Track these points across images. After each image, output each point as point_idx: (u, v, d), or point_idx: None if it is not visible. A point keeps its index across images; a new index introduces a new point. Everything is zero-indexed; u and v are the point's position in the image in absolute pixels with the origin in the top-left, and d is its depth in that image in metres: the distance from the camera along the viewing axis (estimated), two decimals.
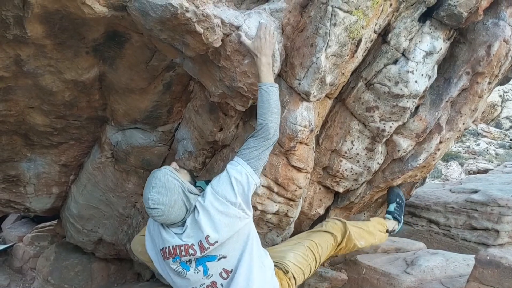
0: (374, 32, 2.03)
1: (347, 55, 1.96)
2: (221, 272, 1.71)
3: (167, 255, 1.73)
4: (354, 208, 2.81)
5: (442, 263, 2.80)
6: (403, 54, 2.12)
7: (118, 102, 2.53)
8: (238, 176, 1.72)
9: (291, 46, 2.01)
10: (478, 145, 12.73)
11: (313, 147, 2.32)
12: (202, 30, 1.73)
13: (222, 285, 1.72)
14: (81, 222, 3.33)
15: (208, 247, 1.66)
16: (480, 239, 3.88)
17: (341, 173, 2.45)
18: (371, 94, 2.20)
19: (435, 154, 2.48)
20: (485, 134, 14.10)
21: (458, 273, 2.73)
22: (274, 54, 1.91)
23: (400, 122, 2.28)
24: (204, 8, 1.70)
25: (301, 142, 2.11)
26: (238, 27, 1.85)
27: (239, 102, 2.10)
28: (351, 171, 2.45)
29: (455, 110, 2.42)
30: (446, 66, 2.34)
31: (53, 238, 4.60)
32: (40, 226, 5.03)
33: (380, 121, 2.25)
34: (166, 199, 1.66)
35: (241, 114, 2.32)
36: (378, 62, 2.14)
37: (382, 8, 1.94)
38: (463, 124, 2.46)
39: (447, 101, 2.33)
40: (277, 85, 1.87)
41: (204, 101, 2.44)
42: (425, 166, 2.55)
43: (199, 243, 1.67)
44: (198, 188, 1.85)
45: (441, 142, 2.46)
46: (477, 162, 10.20)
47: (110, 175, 3.03)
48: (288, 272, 1.98)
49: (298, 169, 2.19)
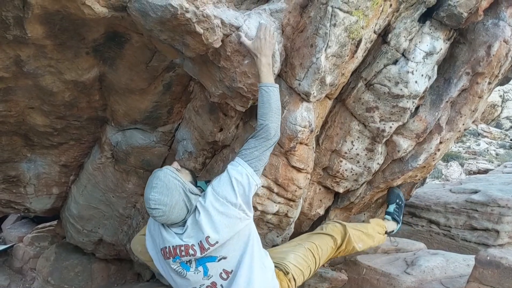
0: (374, 32, 2.03)
1: (347, 56, 1.96)
2: (221, 273, 1.71)
3: (167, 255, 1.73)
4: (354, 208, 2.81)
5: (442, 264, 2.80)
6: (403, 55, 2.12)
7: (118, 103, 2.53)
8: (239, 176, 1.72)
9: (291, 46, 2.01)
10: (479, 145, 12.72)
11: (313, 148, 2.32)
12: (202, 31, 1.73)
13: (222, 285, 1.72)
14: (81, 222, 3.33)
15: (208, 248, 1.66)
16: (480, 240, 3.88)
17: (341, 173, 2.45)
18: (371, 95, 2.20)
19: (435, 154, 2.48)
20: (485, 134, 14.10)
21: (458, 273, 2.73)
22: (274, 55, 1.91)
23: (400, 123, 2.28)
24: (204, 8, 1.70)
25: (301, 143, 2.11)
26: (238, 28, 1.85)
27: (239, 102, 2.10)
28: (351, 172, 2.45)
29: (455, 111, 2.42)
30: (446, 67, 2.34)
31: (53, 239, 4.60)
32: (40, 226, 5.03)
33: (380, 121, 2.25)
34: (167, 200, 1.65)
35: (241, 115, 2.32)
36: (378, 62, 2.14)
37: (382, 8, 1.94)
38: (463, 124, 2.46)
39: (447, 101, 2.33)
40: (277, 85, 1.87)
41: (204, 101, 2.44)
42: (425, 167, 2.55)
43: (200, 244, 1.67)
44: (199, 188, 1.85)
45: (441, 143, 2.45)
46: (477, 162, 10.19)
47: (110, 176, 3.03)
48: (288, 273, 1.98)
49: (298, 169, 2.19)
